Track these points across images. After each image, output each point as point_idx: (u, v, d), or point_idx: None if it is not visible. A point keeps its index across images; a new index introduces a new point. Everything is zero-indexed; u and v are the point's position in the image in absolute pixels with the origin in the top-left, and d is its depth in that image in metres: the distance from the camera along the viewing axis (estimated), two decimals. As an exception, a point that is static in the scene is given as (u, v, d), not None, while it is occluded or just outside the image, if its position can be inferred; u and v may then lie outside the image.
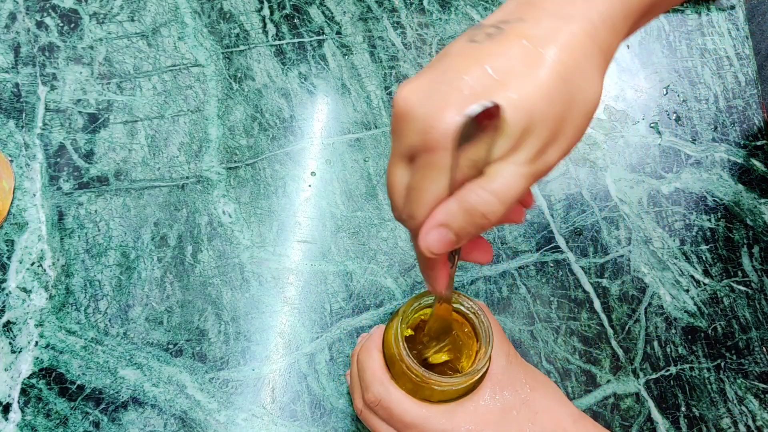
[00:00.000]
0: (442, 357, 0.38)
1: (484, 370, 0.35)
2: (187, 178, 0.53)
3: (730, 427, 0.48)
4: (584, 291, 0.52)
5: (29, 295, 0.48)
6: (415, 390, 0.36)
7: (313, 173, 0.55)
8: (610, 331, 0.51)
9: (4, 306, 0.47)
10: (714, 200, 0.57)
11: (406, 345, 0.35)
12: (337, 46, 0.61)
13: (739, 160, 0.59)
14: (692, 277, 0.53)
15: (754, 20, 0.73)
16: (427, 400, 0.36)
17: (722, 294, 0.53)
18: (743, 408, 0.49)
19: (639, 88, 0.62)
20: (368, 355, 0.38)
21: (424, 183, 0.27)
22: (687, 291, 0.53)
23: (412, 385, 0.36)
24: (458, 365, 0.38)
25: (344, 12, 0.63)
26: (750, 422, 0.49)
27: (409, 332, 0.39)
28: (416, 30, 0.63)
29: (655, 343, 0.51)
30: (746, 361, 0.51)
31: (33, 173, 0.52)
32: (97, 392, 0.45)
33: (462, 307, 0.37)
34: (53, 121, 0.54)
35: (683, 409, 0.49)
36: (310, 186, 0.54)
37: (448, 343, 0.38)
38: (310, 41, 0.61)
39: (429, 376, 0.34)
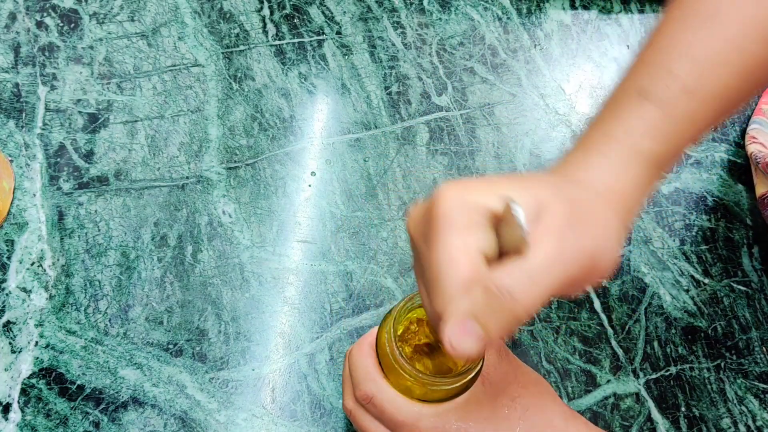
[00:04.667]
0: (436, 357, 0.38)
1: (477, 369, 0.35)
2: (187, 178, 0.53)
3: (730, 427, 0.48)
4: (584, 291, 0.52)
5: (29, 295, 0.48)
6: (407, 389, 0.36)
7: (313, 173, 0.55)
8: (610, 331, 0.51)
9: (4, 306, 0.47)
10: (714, 200, 0.57)
11: (399, 344, 0.35)
12: (337, 46, 0.61)
13: (739, 160, 0.59)
14: (692, 277, 0.53)
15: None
16: (419, 399, 0.36)
17: (722, 294, 0.53)
18: (743, 408, 0.49)
19: (639, 88, 0.62)
20: (361, 353, 0.38)
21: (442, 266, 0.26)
22: (687, 291, 0.53)
23: (405, 384, 0.35)
24: (452, 364, 0.38)
25: (344, 12, 0.63)
26: (750, 422, 0.49)
27: (402, 330, 0.39)
28: (416, 30, 0.63)
29: (655, 343, 0.51)
30: (746, 361, 0.51)
31: (33, 173, 0.52)
32: (97, 392, 0.45)
33: None
34: (53, 121, 0.54)
35: (683, 409, 0.49)
36: (310, 186, 0.54)
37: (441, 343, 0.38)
38: (310, 41, 0.61)
39: (422, 376, 0.34)
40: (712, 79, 0.30)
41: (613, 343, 0.50)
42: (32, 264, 0.49)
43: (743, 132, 0.60)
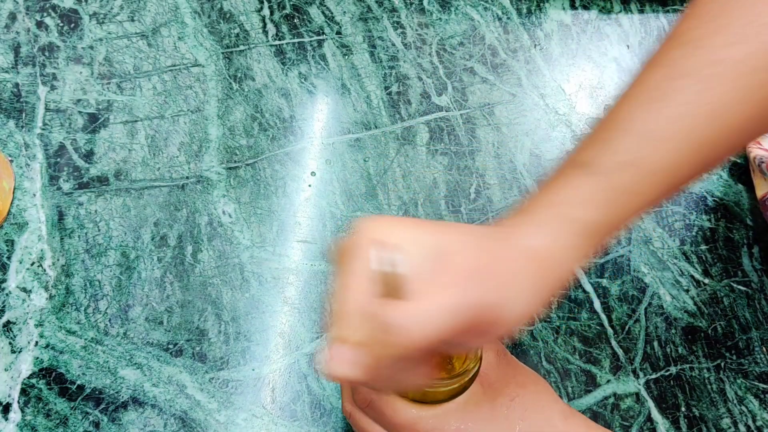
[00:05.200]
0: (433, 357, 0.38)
1: (475, 370, 0.35)
2: (187, 178, 0.53)
3: (730, 427, 0.48)
4: (584, 291, 0.52)
5: (29, 295, 0.48)
6: (405, 391, 0.36)
7: (313, 173, 0.55)
8: (610, 331, 0.51)
9: (4, 306, 0.47)
10: (714, 200, 0.57)
11: None
12: (337, 46, 0.61)
13: (739, 160, 0.59)
14: (692, 277, 0.53)
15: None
16: (417, 401, 0.36)
17: (722, 294, 0.53)
18: (743, 408, 0.49)
19: (639, 88, 0.62)
20: None
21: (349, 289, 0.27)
22: (687, 291, 0.53)
23: None
24: (449, 366, 0.38)
25: (344, 12, 0.63)
26: (750, 422, 0.49)
27: None
28: (416, 30, 0.63)
29: (655, 343, 0.51)
30: (746, 361, 0.51)
31: (33, 173, 0.52)
32: (97, 392, 0.45)
33: None
34: (53, 121, 0.54)
35: (683, 409, 0.49)
36: (310, 186, 0.54)
37: None
38: (310, 41, 0.61)
39: None
40: (654, 154, 0.30)
41: (613, 343, 0.50)
42: (32, 264, 0.49)
43: (743, 132, 0.60)
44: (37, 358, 0.46)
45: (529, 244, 0.29)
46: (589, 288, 0.52)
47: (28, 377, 0.45)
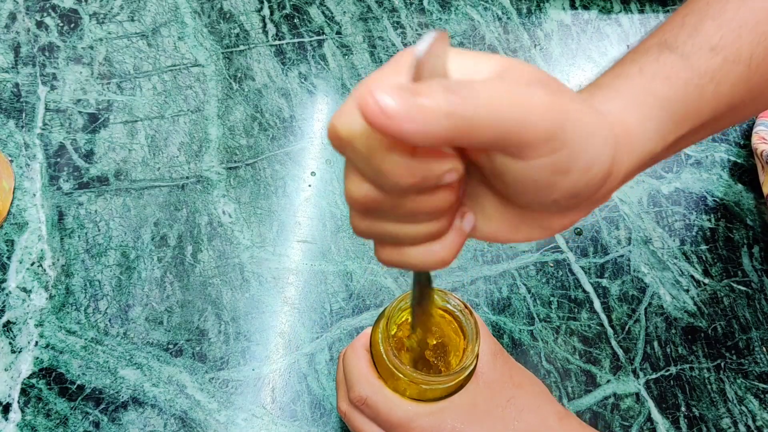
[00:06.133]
0: (430, 355, 0.38)
1: (471, 367, 0.35)
2: (187, 178, 0.53)
3: (730, 427, 0.48)
4: (584, 291, 0.52)
5: (29, 295, 0.48)
6: (402, 389, 0.36)
7: (313, 173, 0.55)
8: (610, 331, 0.51)
9: (4, 306, 0.47)
10: (714, 200, 0.57)
11: (392, 344, 0.35)
12: (337, 46, 0.61)
13: (739, 160, 0.59)
14: (692, 277, 0.53)
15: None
16: (414, 398, 0.36)
17: (722, 294, 0.53)
18: (743, 408, 0.49)
19: (639, 88, 0.62)
20: (354, 355, 0.38)
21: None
22: (687, 291, 0.53)
23: (400, 384, 0.35)
24: (445, 363, 0.38)
25: (344, 12, 0.63)
26: (750, 422, 0.49)
27: (395, 330, 0.39)
28: (416, 30, 0.63)
29: (655, 343, 0.51)
30: (746, 361, 0.51)
31: (33, 173, 0.52)
32: (97, 392, 0.45)
33: (448, 305, 0.37)
34: (53, 121, 0.54)
35: (683, 409, 0.49)
36: (310, 186, 0.54)
37: (434, 342, 0.38)
38: (310, 41, 0.61)
39: (416, 375, 0.34)
40: (738, 42, 0.29)
41: (613, 343, 0.50)
42: (32, 264, 0.49)
43: (744, 132, 0.60)
44: (37, 358, 0.46)
45: (605, 108, 0.26)
46: (589, 288, 0.52)
47: (28, 377, 0.45)
